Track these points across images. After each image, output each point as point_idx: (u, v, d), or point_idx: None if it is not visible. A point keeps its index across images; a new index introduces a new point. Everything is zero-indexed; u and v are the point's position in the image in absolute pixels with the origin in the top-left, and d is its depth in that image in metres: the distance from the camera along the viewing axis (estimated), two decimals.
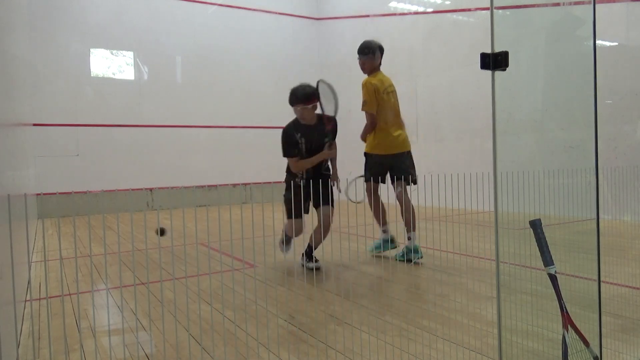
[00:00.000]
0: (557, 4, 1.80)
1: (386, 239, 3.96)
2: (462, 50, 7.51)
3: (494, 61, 1.44)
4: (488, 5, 1.43)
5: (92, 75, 8.65)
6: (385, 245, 3.97)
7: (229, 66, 9.84)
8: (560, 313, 1.57)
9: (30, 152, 6.57)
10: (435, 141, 8.21)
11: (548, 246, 1.57)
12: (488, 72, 1.46)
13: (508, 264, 1.62)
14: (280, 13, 10.53)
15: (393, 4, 9.04)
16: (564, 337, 1.56)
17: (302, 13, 10.83)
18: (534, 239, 1.58)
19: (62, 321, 2.56)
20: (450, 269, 3.46)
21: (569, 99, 1.89)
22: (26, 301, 2.96)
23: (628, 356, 1.91)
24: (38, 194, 7.29)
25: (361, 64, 3.96)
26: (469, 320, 2.36)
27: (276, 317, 2.50)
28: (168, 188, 8.95)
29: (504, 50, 1.44)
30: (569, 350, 1.56)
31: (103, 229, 3.70)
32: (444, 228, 5.27)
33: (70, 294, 3.16)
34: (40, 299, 3.06)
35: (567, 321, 1.56)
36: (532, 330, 1.99)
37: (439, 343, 2.07)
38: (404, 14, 8.82)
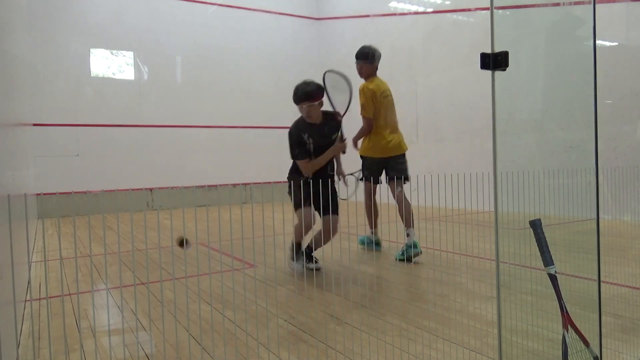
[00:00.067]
0: (557, 4, 1.80)
1: (370, 240, 4.23)
2: (462, 50, 7.51)
3: (494, 61, 1.44)
4: (488, 5, 1.43)
5: (92, 75, 8.65)
6: (369, 244, 4.24)
7: (229, 66, 9.84)
8: (560, 313, 1.57)
9: (30, 152, 6.57)
10: (435, 141, 8.21)
11: (548, 246, 1.57)
12: (488, 72, 1.46)
13: (508, 264, 1.62)
14: (280, 13, 10.54)
15: (393, 4, 9.05)
16: (564, 337, 1.56)
17: (302, 13, 10.83)
18: (534, 239, 1.58)
19: (62, 321, 2.56)
20: (450, 269, 3.46)
21: (569, 99, 1.89)
22: (26, 301, 2.96)
23: (628, 356, 1.91)
24: (38, 194, 7.29)
25: (359, 69, 4.03)
26: (469, 320, 2.36)
27: (276, 317, 2.50)
28: (168, 188, 8.96)
29: (504, 50, 1.44)
30: (569, 350, 1.56)
31: (103, 229, 3.70)
32: (444, 228, 5.27)
33: (70, 294, 3.16)
34: (40, 299, 3.06)
35: (567, 321, 1.56)
36: (532, 330, 1.99)
37: (439, 343, 2.07)
38: (404, 14, 8.82)
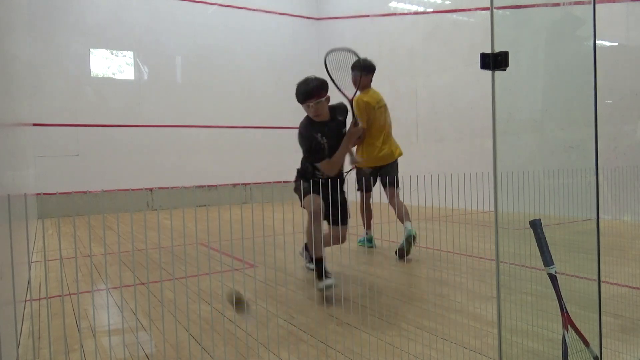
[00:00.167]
0: (557, 4, 1.80)
1: (365, 239, 4.55)
2: (462, 50, 7.51)
3: (494, 61, 1.44)
4: (488, 5, 1.43)
5: (92, 75, 8.65)
6: (365, 242, 4.52)
7: (229, 66, 9.84)
8: (560, 313, 1.57)
9: (30, 152, 6.57)
10: (435, 141, 8.21)
11: (548, 246, 1.57)
12: (488, 72, 1.46)
13: (508, 264, 1.62)
14: (280, 13, 10.53)
15: (393, 4, 9.04)
16: (564, 337, 1.56)
17: (302, 13, 10.82)
18: (534, 239, 1.58)
19: (62, 321, 2.56)
20: (450, 269, 3.46)
21: (569, 99, 1.89)
22: (26, 301, 2.96)
23: (628, 356, 1.91)
24: (38, 194, 7.29)
25: (354, 80, 4.06)
26: (469, 320, 2.36)
27: (276, 317, 2.50)
28: (168, 188, 8.95)
29: (504, 50, 1.44)
30: (569, 350, 1.56)
31: (103, 229, 3.70)
32: (444, 228, 5.27)
33: (70, 294, 3.16)
34: (40, 299, 3.06)
35: (567, 321, 1.56)
36: (532, 330, 1.99)
37: (439, 343, 2.07)
38: (404, 14, 8.82)
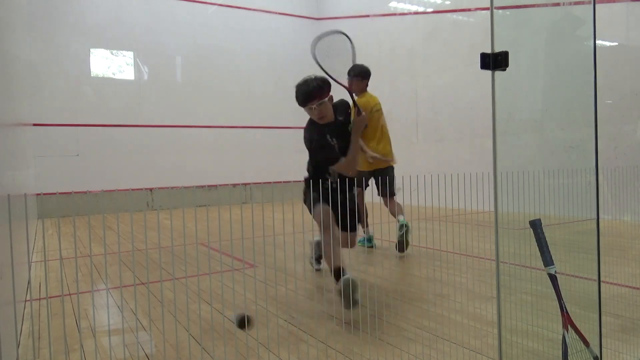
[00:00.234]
0: (557, 4, 1.80)
1: (364, 238, 4.56)
2: (462, 50, 7.51)
3: (494, 61, 1.44)
4: (488, 5, 1.43)
5: (92, 75, 8.65)
6: (364, 241, 4.53)
7: (229, 66, 9.83)
8: (560, 313, 1.57)
9: (30, 152, 6.57)
10: (435, 141, 8.21)
11: (548, 246, 1.57)
12: (488, 72, 1.46)
13: (508, 264, 1.62)
14: (280, 13, 10.53)
15: (393, 4, 9.04)
16: (564, 337, 1.56)
17: (302, 13, 10.82)
18: (534, 239, 1.58)
19: (62, 321, 2.56)
20: (450, 269, 3.46)
21: (569, 99, 1.89)
22: (26, 301, 2.96)
23: (628, 356, 1.91)
24: (38, 194, 7.28)
25: (350, 85, 4.06)
26: (469, 320, 2.35)
27: (276, 317, 2.50)
28: (168, 188, 8.95)
29: (504, 50, 1.44)
30: (569, 350, 1.56)
31: (103, 229, 3.69)
32: (444, 228, 5.27)
33: (70, 294, 3.16)
34: (40, 299, 3.06)
35: (567, 321, 1.56)
36: (532, 330, 1.99)
37: (439, 343, 2.07)
38: (404, 14, 8.82)
